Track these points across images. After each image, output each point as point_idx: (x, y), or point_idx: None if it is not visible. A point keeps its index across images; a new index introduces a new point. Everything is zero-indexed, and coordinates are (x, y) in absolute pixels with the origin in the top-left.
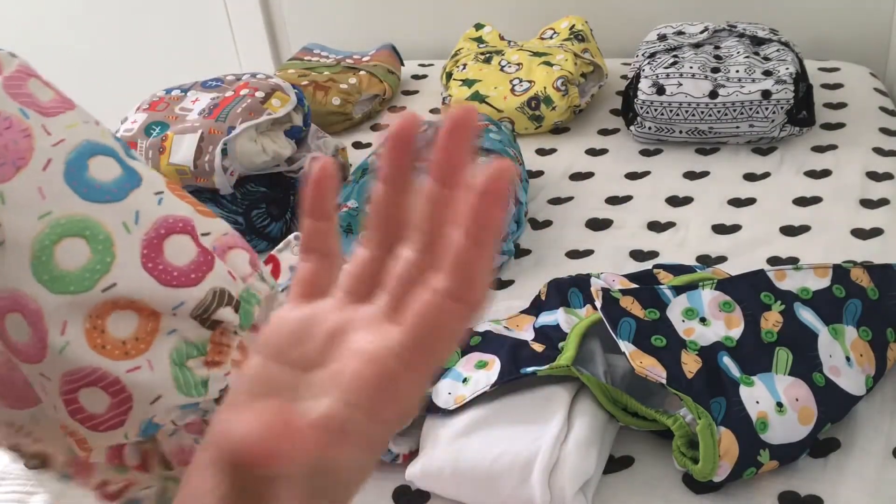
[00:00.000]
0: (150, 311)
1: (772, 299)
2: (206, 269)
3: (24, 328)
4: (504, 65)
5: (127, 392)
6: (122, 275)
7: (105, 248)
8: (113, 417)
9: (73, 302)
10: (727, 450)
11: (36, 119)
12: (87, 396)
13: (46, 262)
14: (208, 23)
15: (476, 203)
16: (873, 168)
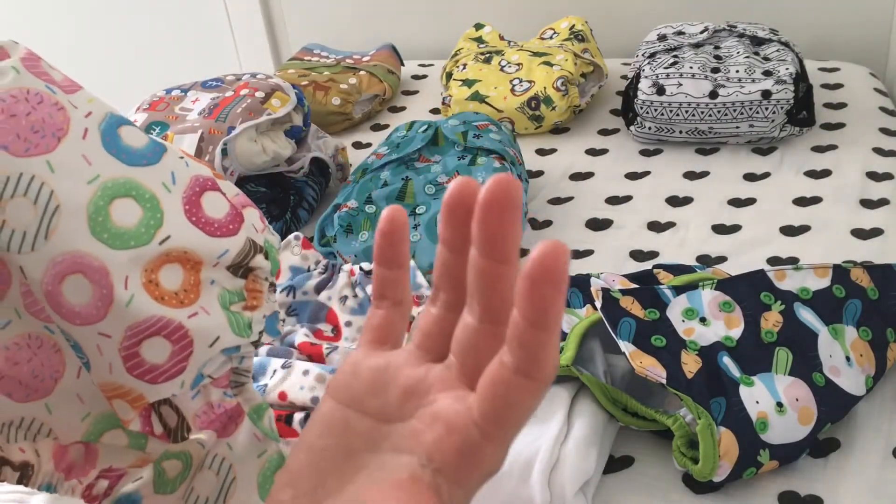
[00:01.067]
0: (193, 262)
1: (772, 299)
2: (239, 221)
3: (86, 288)
4: (504, 65)
5: (189, 337)
6: (174, 228)
7: (153, 205)
8: (174, 365)
9: (135, 256)
10: (727, 450)
11: (61, 95)
12: (149, 347)
13: (104, 222)
14: (208, 23)
15: (531, 289)
16: (873, 168)
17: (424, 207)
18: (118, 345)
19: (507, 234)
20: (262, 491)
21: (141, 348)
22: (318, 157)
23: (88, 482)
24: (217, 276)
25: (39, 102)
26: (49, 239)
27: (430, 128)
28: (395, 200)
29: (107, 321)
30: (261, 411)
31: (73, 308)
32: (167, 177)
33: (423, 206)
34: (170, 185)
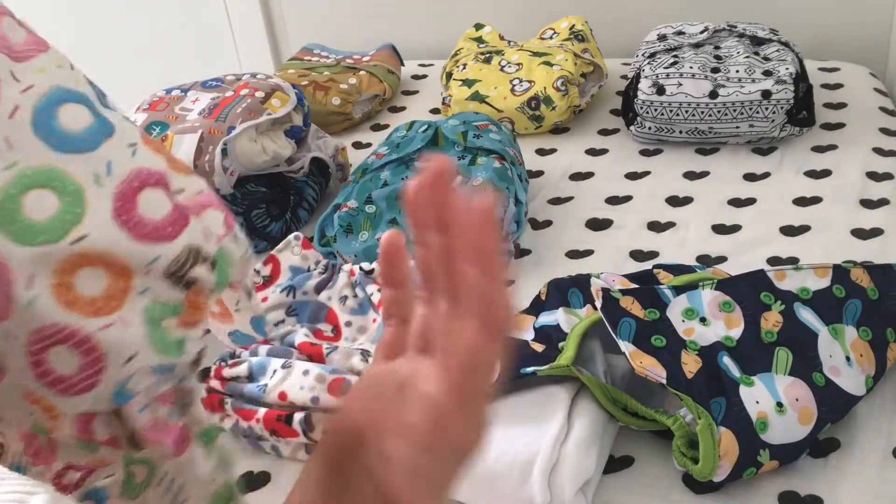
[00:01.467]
0: (121, 267)
1: (772, 299)
2: (181, 225)
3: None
4: (504, 65)
5: (99, 351)
6: (94, 227)
7: (75, 199)
8: (84, 379)
9: (42, 253)
10: (727, 450)
11: (4, 65)
12: (56, 356)
13: (13, 212)
14: (208, 23)
15: (470, 236)
16: (873, 168)
17: None
18: (24, 348)
19: (447, 201)
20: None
21: (48, 355)
22: (318, 157)
23: (56, 471)
24: (153, 284)
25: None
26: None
27: (430, 128)
28: (395, 200)
29: (11, 321)
30: (211, 435)
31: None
32: (101, 167)
33: None
34: (103, 176)
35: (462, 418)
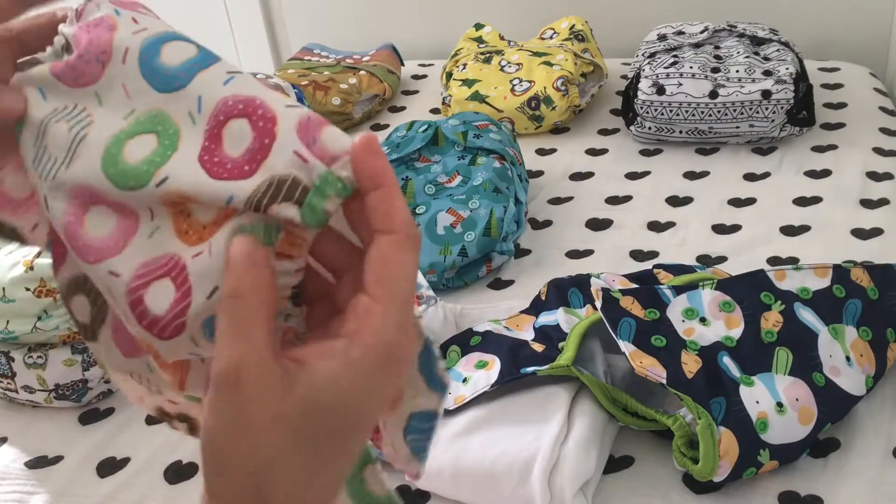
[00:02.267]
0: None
1: (772, 299)
2: (260, 158)
3: (110, 218)
4: (504, 65)
5: (188, 283)
6: (177, 168)
7: (171, 142)
8: (174, 319)
9: (131, 197)
10: (727, 450)
11: (127, 14)
12: (154, 292)
13: (115, 156)
14: (208, 23)
15: (360, 166)
16: (873, 168)
17: (424, 207)
18: (126, 288)
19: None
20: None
21: (147, 292)
22: None
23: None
24: (255, 217)
25: (97, 25)
26: (69, 168)
27: (430, 128)
28: None
29: (121, 256)
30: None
31: (91, 243)
32: (193, 104)
33: (423, 206)
34: (195, 113)
35: (381, 311)
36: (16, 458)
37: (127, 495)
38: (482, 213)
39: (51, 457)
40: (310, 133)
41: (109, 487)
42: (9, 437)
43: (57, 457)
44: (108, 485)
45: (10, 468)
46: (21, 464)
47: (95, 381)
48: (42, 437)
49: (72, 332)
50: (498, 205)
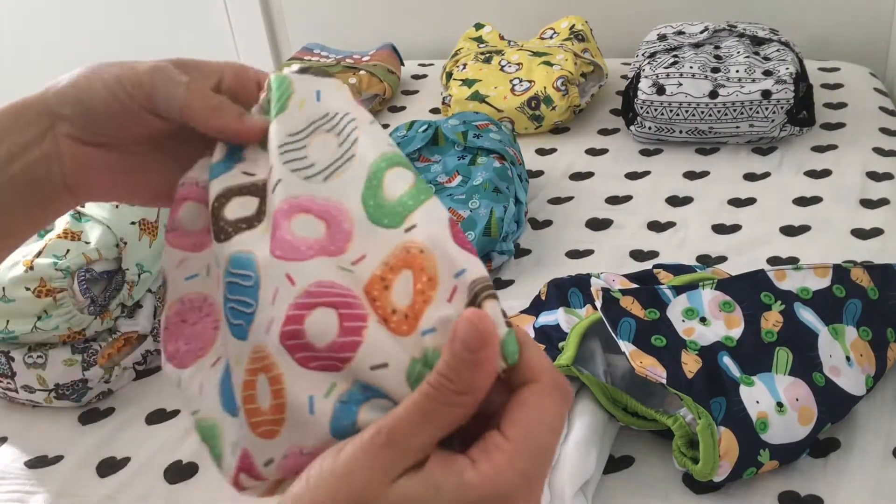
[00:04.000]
0: (430, 276)
1: (772, 299)
2: (474, 254)
3: (319, 227)
4: (504, 65)
5: (360, 337)
6: (427, 218)
7: (425, 184)
8: (330, 357)
9: (381, 235)
10: (727, 450)
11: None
12: (317, 318)
13: (376, 188)
14: (208, 23)
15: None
16: (873, 168)
17: None
18: (293, 298)
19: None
20: None
21: (311, 314)
22: None
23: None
24: (451, 307)
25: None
26: (327, 182)
27: (430, 127)
28: None
29: (305, 264)
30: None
31: (285, 239)
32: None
33: None
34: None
35: (519, 463)
36: (16, 458)
37: (127, 495)
38: (482, 213)
39: (51, 456)
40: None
41: (109, 487)
42: (9, 437)
43: (57, 456)
44: (108, 485)
45: (9, 468)
46: (21, 463)
47: (95, 381)
48: (42, 436)
49: (72, 332)
50: (498, 205)
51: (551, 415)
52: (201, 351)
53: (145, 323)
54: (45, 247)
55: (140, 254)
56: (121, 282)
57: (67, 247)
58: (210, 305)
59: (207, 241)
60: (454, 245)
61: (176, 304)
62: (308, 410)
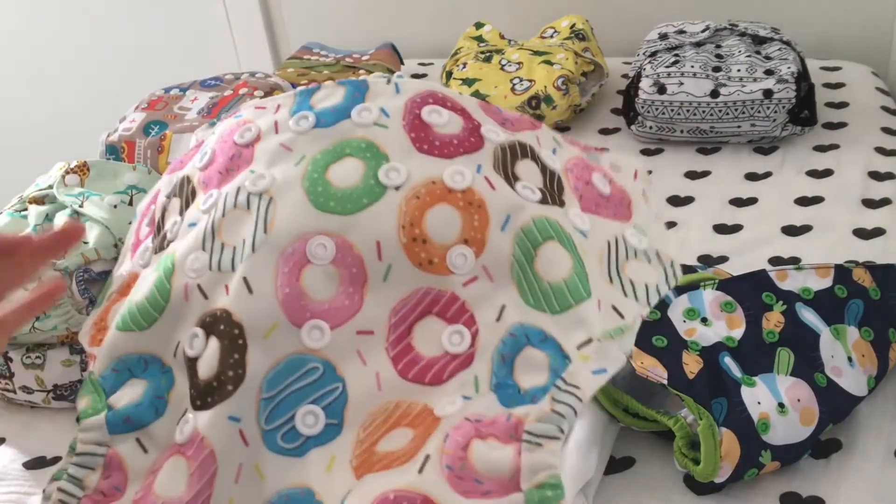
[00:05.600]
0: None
1: (773, 299)
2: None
3: (332, 281)
4: (504, 64)
5: (475, 327)
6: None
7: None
8: (441, 366)
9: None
10: (728, 451)
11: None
12: (422, 329)
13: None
14: (207, 21)
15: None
16: (875, 167)
17: None
18: (385, 340)
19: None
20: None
21: (413, 337)
22: None
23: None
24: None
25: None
26: (268, 231)
27: None
28: None
29: (362, 312)
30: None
31: (315, 304)
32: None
33: None
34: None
35: None
36: (14, 459)
37: None
38: None
39: (49, 457)
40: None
41: None
42: (7, 438)
43: (55, 457)
44: None
45: (8, 469)
46: (19, 464)
47: None
48: (40, 437)
49: (70, 333)
50: None
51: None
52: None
53: None
54: None
55: None
56: None
57: None
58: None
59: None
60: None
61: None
62: None
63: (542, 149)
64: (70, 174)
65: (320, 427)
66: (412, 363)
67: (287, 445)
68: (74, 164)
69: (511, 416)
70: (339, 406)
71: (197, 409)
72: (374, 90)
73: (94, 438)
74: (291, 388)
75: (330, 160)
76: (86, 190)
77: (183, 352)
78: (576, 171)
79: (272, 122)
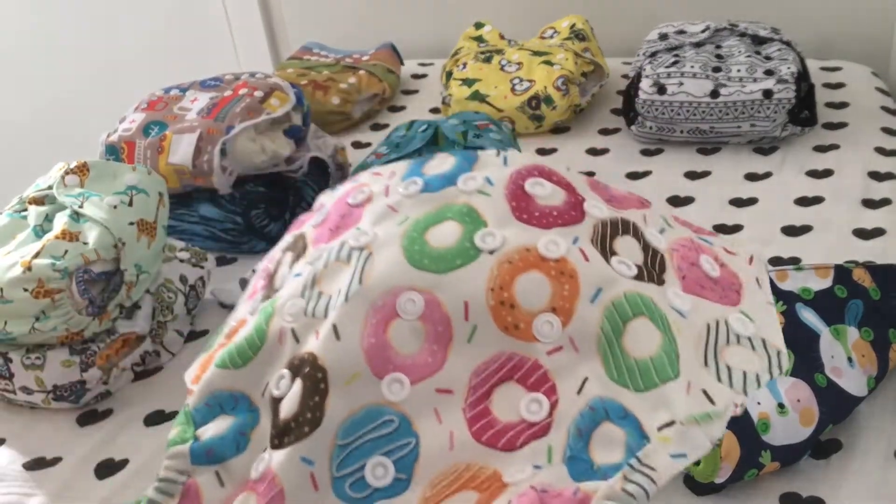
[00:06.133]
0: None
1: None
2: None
3: (417, 337)
4: (504, 64)
5: (551, 383)
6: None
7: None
8: (521, 430)
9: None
10: (728, 451)
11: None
12: (500, 397)
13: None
14: (207, 22)
15: None
16: (875, 168)
17: None
18: (464, 401)
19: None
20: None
21: (491, 402)
22: (318, 157)
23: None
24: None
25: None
26: (363, 282)
27: (430, 127)
28: None
29: (445, 370)
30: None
31: (403, 361)
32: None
33: None
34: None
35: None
36: (14, 460)
37: (125, 497)
38: None
39: (49, 458)
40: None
41: (108, 489)
42: (7, 439)
43: (55, 458)
44: (106, 486)
45: (7, 470)
46: (19, 465)
47: (93, 383)
48: (40, 438)
49: (70, 333)
50: None
51: None
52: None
53: (143, 324)
54: (44, 247)
55: (138, 254)
56: (119, 283)
57: (65, 247)
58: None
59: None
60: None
61: None
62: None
63: (649, 227)
64: (70, 175)
65: (389, 480)
66: (488, 426)
67: (354, 495)
68: (74, 164)
69: (578, 491)
70: (409, 461)
71: (274, 448)
72: (483, 161)
73: (177, 466)
74: (366, 437)
75: (431, 222)
76: (85, 190)
77: (270, 392)
78: (682, 251)
79: (384, 186)
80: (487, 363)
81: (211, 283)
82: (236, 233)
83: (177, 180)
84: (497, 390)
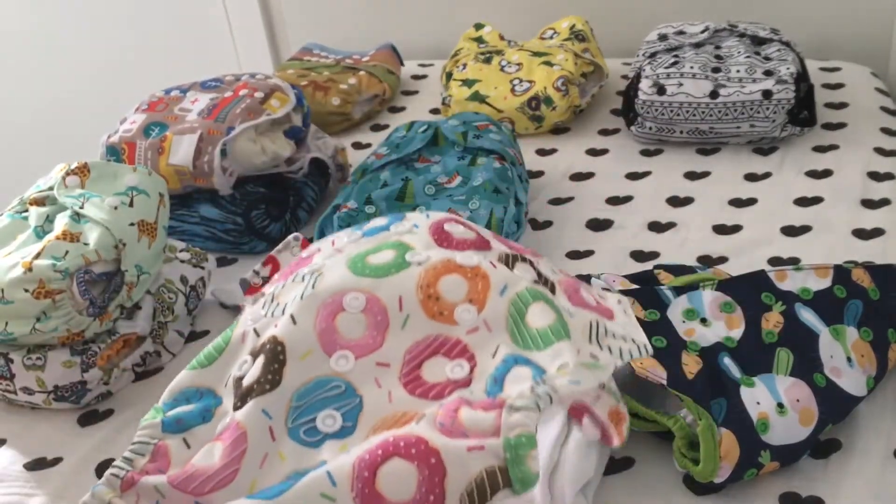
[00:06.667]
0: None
1: (773, 300)
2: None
3: (359, 323)
4: (504, 65)
5: (471, 353)
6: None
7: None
8: (451, 387)
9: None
10: (728, 451)
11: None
12: (431, 367)
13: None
14: (207, 22)
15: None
16: (874, 168)
17: (424, 208)
18: (399, 372)
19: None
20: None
21: (422, 370)
22: (318, 158)
23: None
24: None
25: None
26: (315, 286)
27: (430, 128)
28: (395, 201)
29: (384, 348)
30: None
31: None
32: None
33: (423, 206)
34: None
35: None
36: (14, 460)
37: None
38: (482, 214)
39: (50, 458)
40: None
41: None
42: (8, 439)
43: (56, 458)
44: None
45: (8, 470)
46: (20, 466)
47: (94, 383)
48: (41, 438)
49: (71, 334)
50: (498, 205)
51: None
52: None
53: (144, 324)
54: (44, 248)
55: (139, 255)
56: (120, 283)
57: (66, 248)
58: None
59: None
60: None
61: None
62: None
63: (541, 266)
64: (70, 175)
65: (337, 427)
66: (419, 385)
67: (308, 439)
68: (75, 165)
69: (496, 399)
70: (354, 413)
71: (236, 411)
72: (410, 216)
73: (148, 434)
74: (317, 397)
75: (371, 252)
76: (86, 191)
77: (232, 376)
78: (566, 283)
79: (331, 241)
80: (418, 343)
81: (211, 284)
82: (237, 233)
83: (177, 181)
84: (427, 363)
